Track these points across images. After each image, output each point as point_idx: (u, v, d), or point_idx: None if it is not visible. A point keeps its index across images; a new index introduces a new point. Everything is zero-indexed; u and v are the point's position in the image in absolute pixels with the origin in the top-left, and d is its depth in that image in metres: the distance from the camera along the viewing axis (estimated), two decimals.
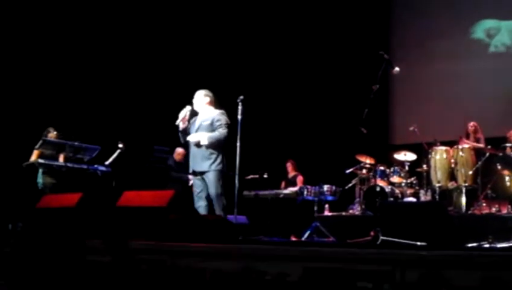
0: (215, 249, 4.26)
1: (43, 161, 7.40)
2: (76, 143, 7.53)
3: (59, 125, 7.95)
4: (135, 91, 10.12)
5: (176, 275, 4.09)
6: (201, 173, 6.14)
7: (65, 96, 9.38)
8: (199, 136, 6.10)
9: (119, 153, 7.85)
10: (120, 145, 7.88)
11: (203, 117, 6.29)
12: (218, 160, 6.07)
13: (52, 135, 7.70)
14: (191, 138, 6.16)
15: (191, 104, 6.44)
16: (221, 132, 6.10)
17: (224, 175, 6.21)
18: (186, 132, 6.28)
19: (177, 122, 6.29)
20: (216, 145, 6.07)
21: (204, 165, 6.08)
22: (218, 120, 6.15)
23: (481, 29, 10.20)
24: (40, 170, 7.55)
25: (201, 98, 6.36)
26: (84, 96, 9.59)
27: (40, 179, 7.53)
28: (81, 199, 5.45)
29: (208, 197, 6.16)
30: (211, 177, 6.05)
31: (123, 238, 4.60)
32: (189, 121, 6.31)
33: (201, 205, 6.20)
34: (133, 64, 10.17)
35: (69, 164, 7.38)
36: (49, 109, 8.97)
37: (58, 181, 7.40)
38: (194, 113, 6.45)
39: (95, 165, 7.62)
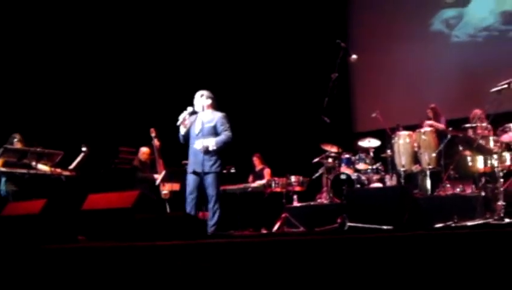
0: (184, 246, 4.24)
1: (5, 169, 7.29)
2: (38, 149, 7.41)
3: (20, 132, 7.81)
4: (96, 92, 10.00)
5: None
6: (202, 174, 6.23)
7: (26, 101, 9.21)
8: (206, 142, 6.19)
9: (83, 157, 7.76)
10: (83, 149, 7.79)
11: (205, 119, 6.37)
12: (219, 162, 6.26)
13: (18, 141, 7.56)
14: (199, 145, 6.22)
15: (182, 104, 6.44)
16: (228, 135, 6.29)
17: (221, 175, 6.44)
18: (186, 134, 6.36)
19: (178, 123, 6.37)
20: (221, 148, 6.22)
21: (206, 167, 6.20)
22: (222, 123, 6.29)
23: (441, 17, 10.35)
24: (3, 178, 7.42)
25: (203, 100, 6.44)
26: (44, 100, 9.43)
27: (2, 187, 7.41)
28: (45, 205, 5.38)
29: (199, 197, 6.29)
30: (211, 179, 6.21)
31: None
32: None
33: (191, 203, 6.28)
34: (94, 65, 10.04)
35: (31, 171, 7.26)
36: (10, 115, 8.79)
37: (21, 188, 7.28)
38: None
39: (59, 170, 7.51)
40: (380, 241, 3.48)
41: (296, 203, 8.51)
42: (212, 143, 6.19)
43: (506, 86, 6.20)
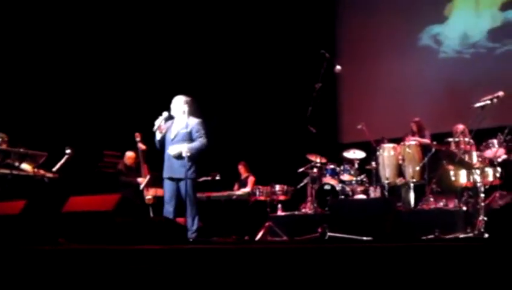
0: (163, 251, 4.22)
1: None
2: (22, 150, 7.35)
3: (4, 131, 7.75)
4: (83, 95, 9.97)
5: None
6: (177, 180, 6.21)
7: (10, 100, 9.16)
8: (180, 148, 6.15)
9: (67, 159, 7.70)
10: (68, 151, 7.73)
11: (181, 125, 6.33)
12: (194, 168, 6.19)
13: (3, 141, 7.49)
14: (172, 151, 6.21)
15: (167, 109, 6.42)
16: (202, 141, 6.23)
17: (197, 182, 6.43)
18: (162, 139, 6.34)
19: (154, 129, 6.34)
20: (195, 155, 6.16)
21: (181, 172, 6.15)
22: (198, 130, 6.24)
23: (429, 32, 10.43)
24: None
25: (181, 105, 6.37)
26: (29, 100, 9.39)
27: None
28: (25, 206, 5.34)
29: (177, 203, 6.25)
30: (186, 185, 6.14)
31: None
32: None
33: (169, 210, 6.28)
34: (80, 67, 10.02)
35: (14, 172, 7.20)
36: None
37: (3, 189, 7.21)
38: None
39: (42, 172, 7.45)
40: (358, 252, 3.49)
41: (280, 212, 8.52)
42: (185, 149, 6.14)
43: (489, 101, 6.26)
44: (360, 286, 3.28)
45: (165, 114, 6.34)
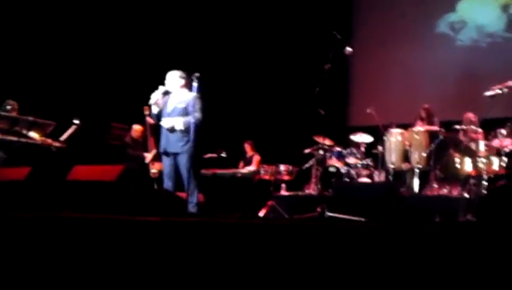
0: (162, 223, 4.26)
1: None
2: (30, 118, 7.39)
3: (14, 99, 7.80)
4: (93, 66, 10.00)
5: None
6: (173, 154, 6.22)
7: (21, 69, 9.20)
8: (174, 121, 6.15)
9: (75, 130, 7.74)
10: (76, 122, 7.77)
11: (178, 99, 6.34)
12: (191, 142, 6.14)
13: (13, 109, 7.53)
14: (166, 124, 6.23)
15: (163, 84, 6.43)
16: (197, 116, 6.17)
17: (196, 157, 6.36)
18: (159, 113, 6.36)
19: (150, 102, 6.36)
20: (190, 129, 6.13)
21: (177, 147, 6.18)
22: (193, 105, 6.18)
23: (446, 20, 10.31)
24: None
25: (176, 80, 6.39)
26: (40, 69, 9.43)
27: None
28: (31, 172, 5.41)
29: (176, 177, 6.27)
30: (183, 159, 6.16)
31: None
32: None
33: (168, 184, 6.31)
34: (91, 40, 10.04)
35: (22, 139, 7.25)
36: (5, 82, 8.79)
37: (10, 156, 7.27)
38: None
39: (50, 141, 7.50)
40: (353, 231, 3.51)
41: (283, 192, 8.53)
42: (179, 123, 6.17)
43: (499, 91, 6.22)
44: (354, 263, 3.31)
45: (161, 88, 6.36)
